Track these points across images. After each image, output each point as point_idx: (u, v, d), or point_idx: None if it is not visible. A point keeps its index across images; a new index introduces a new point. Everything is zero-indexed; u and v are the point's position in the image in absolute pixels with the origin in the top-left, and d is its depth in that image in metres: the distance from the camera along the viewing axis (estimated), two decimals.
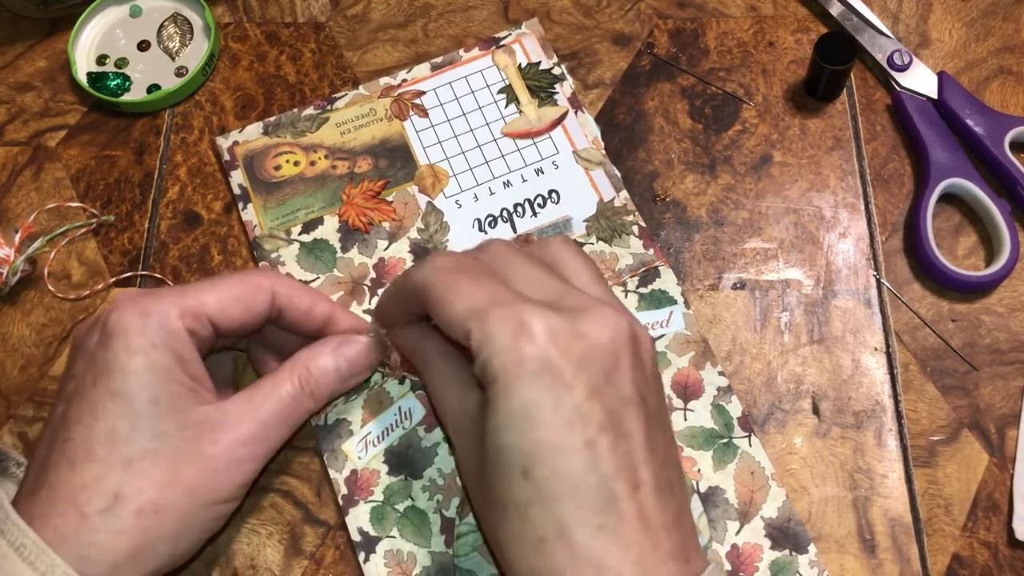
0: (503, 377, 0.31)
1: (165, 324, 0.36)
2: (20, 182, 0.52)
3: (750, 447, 0.43)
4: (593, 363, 0.32)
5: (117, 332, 0.35)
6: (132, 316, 0.35)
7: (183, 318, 0.36)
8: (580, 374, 0.31)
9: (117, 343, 0.35)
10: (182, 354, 0.36)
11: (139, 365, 0.35)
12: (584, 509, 0.30)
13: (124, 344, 0.35)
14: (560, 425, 0.30)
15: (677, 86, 0.53)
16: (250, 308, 0.38)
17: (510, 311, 0.32)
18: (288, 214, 0.49)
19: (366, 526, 0.41)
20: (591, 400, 0.31)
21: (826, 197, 0.49)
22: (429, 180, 0.50)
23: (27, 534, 0.33)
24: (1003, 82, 0.52)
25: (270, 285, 0.39)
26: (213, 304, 0.37)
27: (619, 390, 0.32)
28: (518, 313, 0.31)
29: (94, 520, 0.33)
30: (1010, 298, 0.47)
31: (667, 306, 0.46)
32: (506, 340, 0.31)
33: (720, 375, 0.44)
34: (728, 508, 0.42)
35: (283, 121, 0.51)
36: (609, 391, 0.32)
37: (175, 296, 0.37)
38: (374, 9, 0.56)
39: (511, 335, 0.31)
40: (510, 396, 0.31)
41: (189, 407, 0.36)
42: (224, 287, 0.38)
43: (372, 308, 0.46)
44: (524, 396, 0.31)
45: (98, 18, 0.56)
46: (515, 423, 0.31)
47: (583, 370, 0.31)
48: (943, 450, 0.44)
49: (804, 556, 0.41)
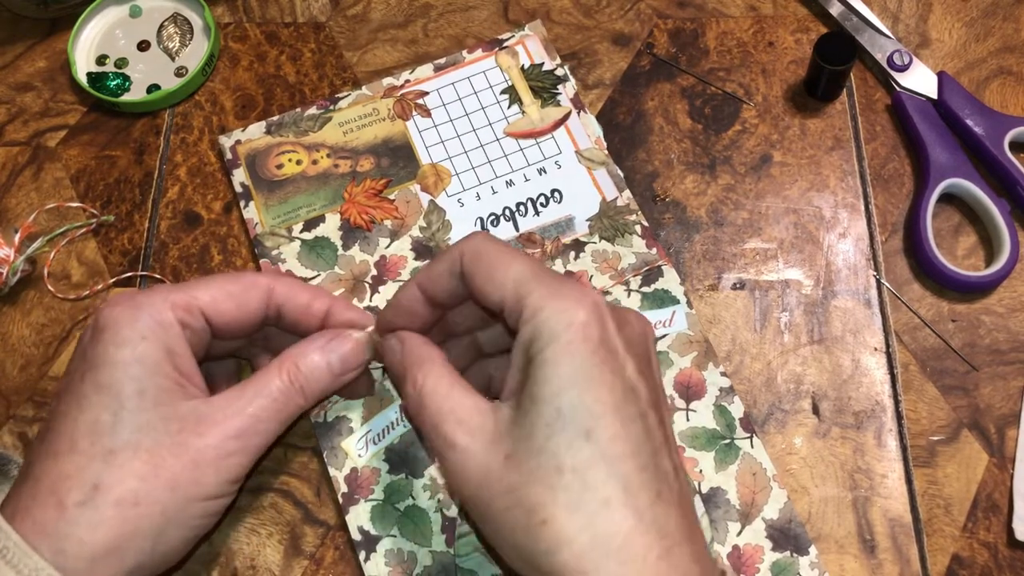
0: (566, 337, 0.31)
1: (155, 316, 0.35)
2: (20, 182, 0.52)
3: (752, 448, 0.43)
4: (637, 347, 0.33)
5: (107, 326, 0.35)
6: (123, 310, 0.35)
7: (175, 310, 0.36)
8: (630, 353, 0.32)
9: (106, 336, 0.35)
10: (172, 347, 0.36)
11: (126, 357, 0.34)
12: (645, 473, 0.30)
13: (113, 337, 0.35)
14: (621, 392, 0.31)
15: (677, 86, 0.53)
16: (244, 304, 0.38)
17: (565, 281, 0.32)
18: (290, 212, 0.49)
19: (366, 525, 0.41)
20: (640, 377, 0.32)
21: (826, 197, 0.50)
22: (431, 179, 0.50)
23: (10, 536, 0.32)
24: (1003, 82, 0.52)
25: (266, 282, 0.39)
26: (206, 298, 0.37)
27: (653, 378, 0.33)
28: (573, 285, 0.32)
29: (72, 512, 0.33)
30: (1010, 298, 0.47)
31: (670, 305, 0.46)
32: (568, 304, 0.31)
33: (722, 375, 0.44)
34: (729, 509, 0.42)
35: (286, 120, 0.51)
36: (649, 376, 0.33)
37: (167, 290, 0.37)
38: (374, 9, 0.56)
39: (573, 300, 0.31)
40: (573, 355, 0.30)
41: (176, 400, 0.35)
42: (218, 282, 0.38)
43: (373, 306, 0.46)
44: (587, 358, 0.30)
45: (98, 18, 0.56)
46: (580, 382, 0.30)
47: (632, 350, 0.32)
48: (943, 450, 0.44)
49: (805, 558, 0.41)
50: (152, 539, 0.34)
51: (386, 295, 0.47)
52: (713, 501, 0.42)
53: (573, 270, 0.47)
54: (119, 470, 0.33)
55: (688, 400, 0.44)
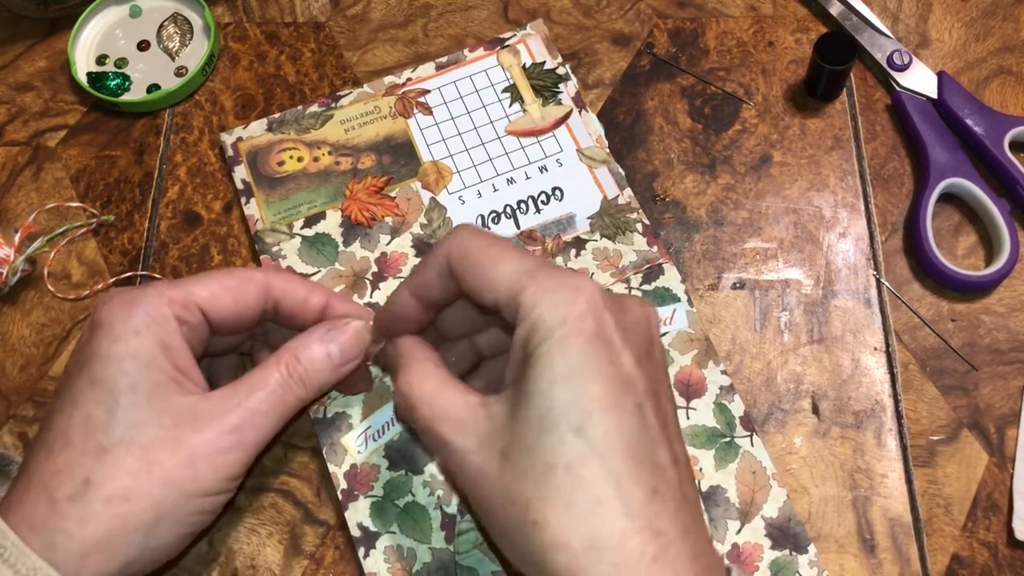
0: (560, 332, 0.30)
1: (151, 311, 0.35)
2: (20, 182, 0.52)
3: (752, 447, 0.43)
4: (637, 335, 0.32)
5: (103, 322, 0.35)
6: (118, 305, 0.35)
7: (171, 305, 0.36)
8: (628, 341, 0.31)
9: (101, 332, 0.35)
10: (167, 342, 0.35)
11: (120, 351, 0.34)
12: (640, 469, 0.30)
13: (107, 332, 0.35)
14: (615, 384, 0.30)
15: (677, 86, 0.53)
16: (241, 298, 0.38)
17: (559, 272, 0.32)
18: (290, 209, 0.49)
19: (366, 521, 0.41)
20: (638, 367, 0.31)
21: (826, 197, 0.50)
22: (433, 176, 0.50)
23: (7, 535, 0.32)
24: (1003, 82, 0.52)
25: (262, 277, 0.38)
26: (203, 293, 0.37)
27: (655, 366, 0.33)
28: (568, 276, 0.32)
29: (62, 506, 0.33)
30: (1010, 298, 0.47)
31: (671, 303, 0.46)
32: (563, 297, 0.31)
33: (723, 374, 0.44)
34: (729, 507, 0.42)
35: (287, 118, 0.51)
36: (649, 364, 0.32)
37: (163, 286, 0.37)
38: (374, 9, 0.56)
39: (568, 293, 0.31)
40: (567, 351, 0.30)
41: (171, 395, 0.35)
42: (215, 278, 0.38)
43: (374, 302, 0.46)
44: (581, 352, 0.30)
45: (98, 18, 0.56)
46: (573, 377, 0.30)
47: (630, 338, 0.32)
48: (943, 450, 0.44)
49: (804, 556, 0.41)
50: (144, 534, 0.34)
51: (387, 291, 0.47)
52: (712, 499, 0.42)
53: (574, 268, 0.47)
54: (111, 467, 0.33)
55: (688, 398, 0.44)
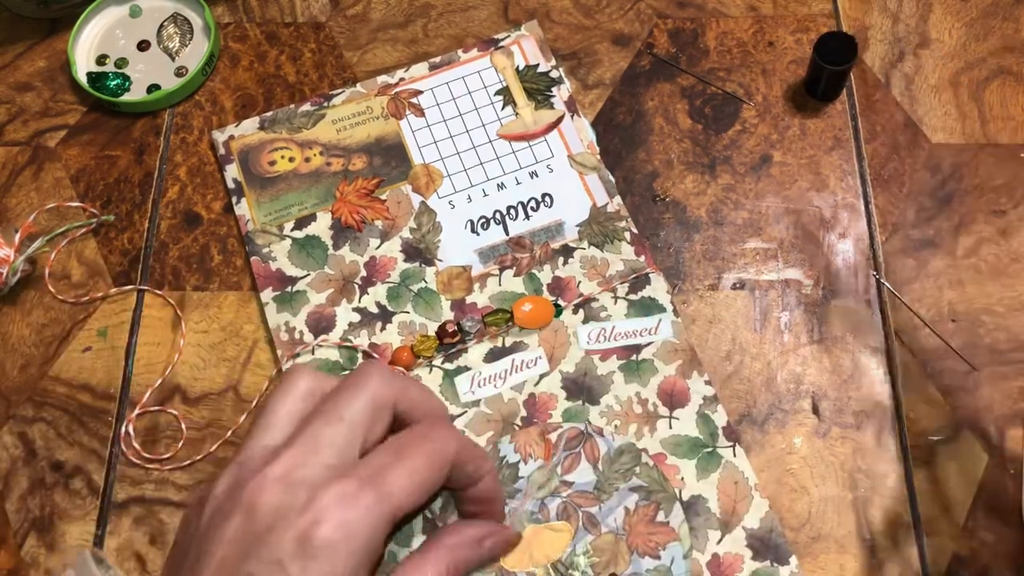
0: None
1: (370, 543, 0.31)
2: (20, 182, 0.52)
3: (734, 457, 0.43)
4: None
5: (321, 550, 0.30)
6: (335, 530, 0.31)
7: (386, 528, 0.32)
8: None
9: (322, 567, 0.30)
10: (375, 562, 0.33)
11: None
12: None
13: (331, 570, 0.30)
14: None
15: (677, 86, 0.53)
16: (433, 488, 0.34)
17: None
18: (281, 209, 0.49)
19: None
20: None
21: (826, 197, 0.49)
22: (423, 180, 0.50)
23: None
24: (1003, 82, 0.52)
25: (453, 453, 0.35)
26: (407, 501, 0.33)
27: None
28: None
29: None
30: (1010, 298, 0.47)
31: (656, 313, 0.46)
32: None
33: (707, 384, 0.44)
34: (710, 517, 0.41)
35: (279, 117, 0.51)
36: None
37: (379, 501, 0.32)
38: (374, 9, 0.56)
39: None
40: None
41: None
42: (418, 472, 0.33)
43: (362, 307, 0.46)
44: None
45: (98, 18, 0.56)
46: None
47: None
48: (943, 450, 0.44)
49: (785, 568, 0.41)
50: None
51: (375, 297, 0.47)
52: (694, 509, 0.42)
53: (561, 276, 0.47)
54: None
55: (671, 408, 0.44)
